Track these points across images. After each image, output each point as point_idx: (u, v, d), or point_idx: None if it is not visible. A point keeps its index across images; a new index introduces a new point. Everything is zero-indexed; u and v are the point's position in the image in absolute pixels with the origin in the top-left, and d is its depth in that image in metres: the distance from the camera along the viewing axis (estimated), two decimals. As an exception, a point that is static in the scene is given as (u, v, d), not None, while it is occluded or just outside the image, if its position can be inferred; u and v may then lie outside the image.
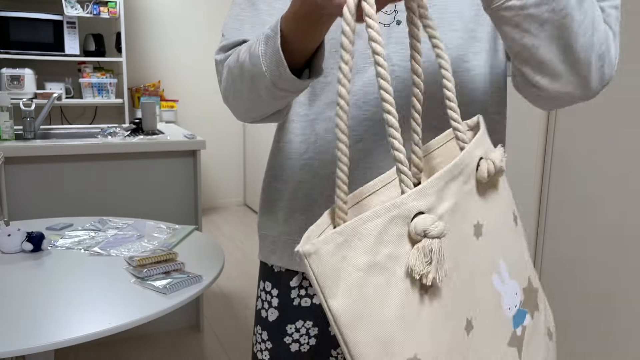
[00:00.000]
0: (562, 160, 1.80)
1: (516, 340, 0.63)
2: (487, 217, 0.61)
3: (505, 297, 0.61)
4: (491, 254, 0.61)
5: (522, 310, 0.64)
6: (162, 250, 1.37)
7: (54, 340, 0.97)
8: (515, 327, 0.62)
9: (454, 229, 0.55)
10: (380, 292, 0.49)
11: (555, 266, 1.84)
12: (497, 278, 0.61)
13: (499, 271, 0.61)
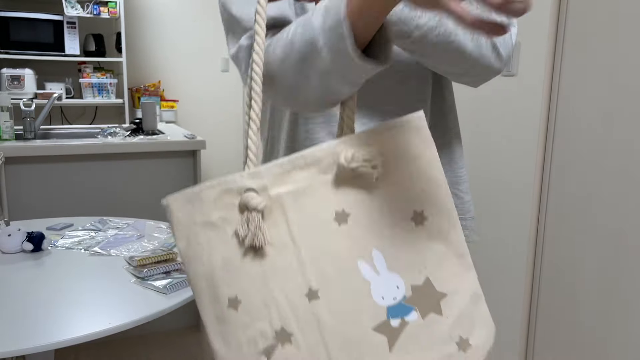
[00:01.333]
0: (562, 159, 1.80)
1: (388, 330, 0.67)
2: (358, 208, 0.68)
3: (375, 286, 0.68)
4: (359, 242, 0.67)
5: (406, 306, 0.68)
6: (162, 250, 1.38)
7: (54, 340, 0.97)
8: (391, 317, 0.67)
9: (304, 212, 0.66)
10: (210, 243, 0.65)
11: (556, 266, 1.84)
12: (365, 266, 0.68)
13: (369, 260, 0.68)
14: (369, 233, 0.68)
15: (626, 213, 1.59)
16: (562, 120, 1.79)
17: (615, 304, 1.64)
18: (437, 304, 0.69)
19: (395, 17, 0.71)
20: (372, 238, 0.68)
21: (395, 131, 0.68)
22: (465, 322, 0.70)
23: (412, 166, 0.68)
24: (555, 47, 1.80)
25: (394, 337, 0.68)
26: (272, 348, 0.66)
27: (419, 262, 0.69)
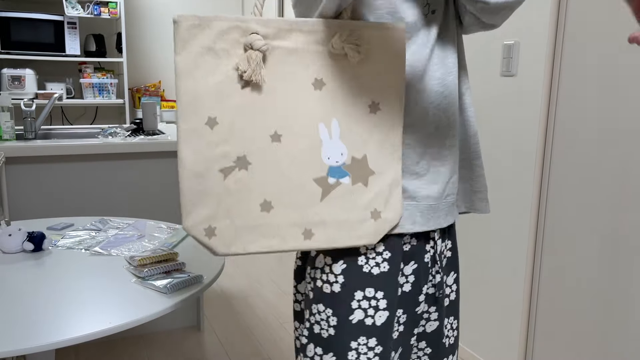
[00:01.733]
0: (562, 159, 1.80)
1: (324, 184, 0.84)
2: (333, 81, 0.83)
3: (326, 147, 0.84)
4: (325, 109, 0.83)
5: (344, 171, 0.84)
6: (163, 250, 1.38)
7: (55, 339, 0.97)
8: (330, 175, 0.84)
9: (291, 68, 0.81)
10: (207, 66, 0.76)
11: (556, 265, 1.84)
12: (324, 129, 0.83)
13: (328, 125, 0.84)
14: (335, 105, 0.83)
15: (626, 213, 1.59)
16: (561, 120, 1.79)
17: (616, 304, 1.64)
18: (366, 178, 0.85)
19: None
20: (335, 109, 0.84)
21: (384, 33, 0.83)
22: (382, 199, 0.85)
23: (383, 65, 0.84)
24: (555, 47, 1.80)
25: (327, 191, 0.84)
26: (230, 170, 0.79)
27: (363, 140, 0.85)
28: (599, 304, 1.69)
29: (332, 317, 0.88)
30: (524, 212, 1.93)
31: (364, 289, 0.87)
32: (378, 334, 0.88)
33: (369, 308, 0.87)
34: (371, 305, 0.87)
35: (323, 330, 0.89)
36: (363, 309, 0.87)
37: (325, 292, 0.88)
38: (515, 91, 1.93)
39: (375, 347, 0.88)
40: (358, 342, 0.87)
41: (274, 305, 2.83)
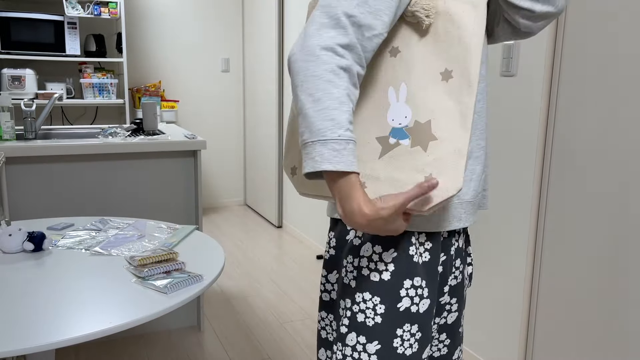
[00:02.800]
0: (562, 159, 1.80)
1: (385, 143, 0.87)
2: (407, 48, 0.86)
3: (392, 109, 0.87)
4: (396, 74, 0.87)
5: (405, 132, 0.86)
6: (163, 250, 1.38)
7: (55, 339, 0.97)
8: (391, 135, 0.87)
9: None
10: None
11: (556, 265, 1.84)
12: (393, 92, 0.87)
13: (397, 89, 0.87)
14: (405, 69, 0.86)
15: (626, 213, 1.59)
16: (561, 120, 1.79)
17: (616, 304, 1.64)
18: (426, 143, 0.85)
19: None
20: (406, 74, 0.86)
21: (466, 4, 0.84)
22: (440, 165, 0.84)
23: (458, 31, 0.84)
24: (555, 47, 1.80)
25: (386, 149, 0.86)
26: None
27: (430, 106, 0.85)
28: (599, 304, 1.69)
29: (380, 305, 0.89)
30: (524, 211, 1.93)
31: (412, 277, 0.89)
32: (421, 321, 0.90)
33: (415, 296, 0.89)
34: (417, 293, 0.90)
35: (368, 319, 0.90)
36: (410, 297, 0.89)
37: (372, 281, 0.89)
38: (515, 91, 1.93)
39: (416, 334, 0.90)
40: (403, 329, 0.89)
41: (274, 305, 2.83)
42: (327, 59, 0.78)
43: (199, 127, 4.66)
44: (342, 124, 0.77)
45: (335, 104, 0.77)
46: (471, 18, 0.83)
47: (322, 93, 0.77)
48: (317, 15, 0.80)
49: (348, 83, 0.79)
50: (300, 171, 0.96)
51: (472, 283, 2.19)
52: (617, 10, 1.59)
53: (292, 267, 3.41)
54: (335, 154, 0.77)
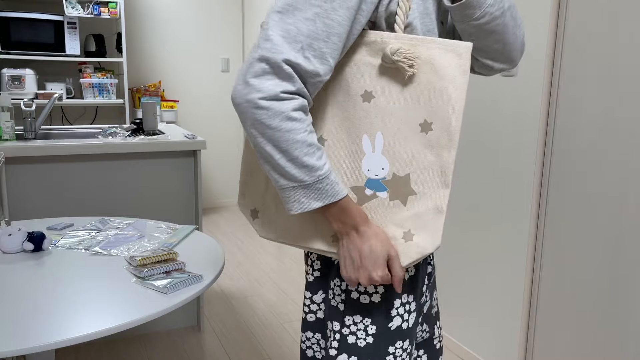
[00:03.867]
0: (562, 159, 1.80)
1: (360, 194, 0.84)
2: (383, 95, 0.82)
3: (367, 159, 0.83)
4: (371, 121, 0.82)
5: (382, 185, 0.84)
6: (163, 250, 1.38)
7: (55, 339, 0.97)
8: (367, 187, 0.84)
9: (347, 78, 0.82)
10: None
11: (556, 265, 1.84)
12: (368, 141, 0.83)
13: (373, 138, 0.83)
14: (382, 118, 0.82)
15: (626, 212, 1.59)
16: (562, 120, 1.79)
17: (616, 304, 1.64)
18: (405, 197, 0.83)
19: (474, 2, 0.83)
20: (381, 123, 0.82)
21: (442, 48, 0.81)
22: (420, 222, 0.83)
23: (440, 82, 0.81)
24: (555, 47, 1.80)
25: (363, 201, 0.84)
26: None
27: (409, 159, 0.83)
28: (599, 304, 1.69)
29: (371, 327, 0.89)
30: (524, 212, 1.93)
31: (401, 296, 0.90)
32: (410, 335, 0.92)
33: (404, 313, 0.90)
34: (406, 310, 0.91)
35: (360, 340, 0.89)
36: (400, 314, 0.90)
37: (363, 303, 0.89)
38: (515, 91, 1.93)
39: (407, 348, 0.92)
40: (395, 346, 0.90)
41: (274, 305, 2.83)
42: (278, 107, 0.75)
43: (199, 127, 4.66)
44: (315, 166, 0.78)
45: (303, 149, 0.77)
46: (455, 69, 0.81)
47: (286, 144, 0.76)
48: (255, 58, 0.76)
49: (306, 120, 0.78)
50: (264, 214, 0.92)
51: (472, 283, 2.19)
52: (617, 10, 1.59)
53: (292, 267, 3.41)
54: (319, 192, 0.78)
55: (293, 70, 0.76)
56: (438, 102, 0.81)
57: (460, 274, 2.26)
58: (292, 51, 0.75)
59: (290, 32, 0.75)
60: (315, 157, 0.78)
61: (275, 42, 0.75)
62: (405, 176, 0.83)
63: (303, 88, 0.78)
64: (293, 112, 0.76)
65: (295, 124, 0.77)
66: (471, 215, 2.16)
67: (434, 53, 0.81)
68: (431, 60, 0.81)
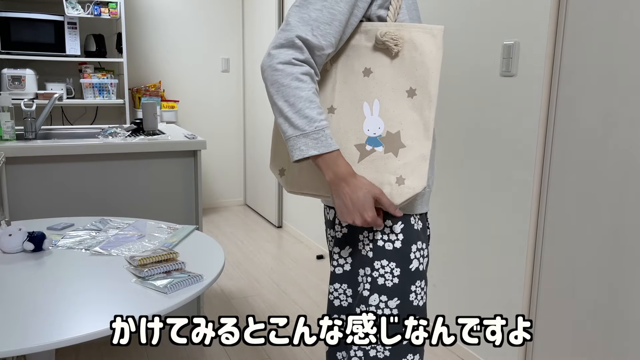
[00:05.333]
0: (562, 159, 1.80)
1: (362, 149, 1.06)
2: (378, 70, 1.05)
3: (367, 121, 1.06)
4: (369, 91, 1.06)
5: (379, 141, 1.06)
6: (163, 250, 1.38)
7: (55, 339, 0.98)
8: (367, 143, 1.06)
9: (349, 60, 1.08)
10: None
11: (556, 265, 1.84)
12: (367, 107, 1.06)
13: (371, 104, 1.06)
14: (378, 88, 1.05)
15: (626, 212, 1.59)
16: (562, 120, 1.79)
17: (616, 304, 1.64)
18: (397, 149, 1.05)
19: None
20: (378, 91, 1.05)
21: (421, 31, 1.03)
22: (409, 169, 1.04)
23: (420, 57, 1.03)
24: (555, 47, 1.80)
25: (364, 155, 1.06)
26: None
27: (399, 119, 1.05)
28: (599, 304, 1.69)
29: (396, 269, 1.09)
30: (524, 211, 1.93)
31: (416, 242, 1.10)
32: (425, 276, 1.13)
33: (420, 257, 1.11)
34: (421, 254, 1.11)
35: (387, 281, 1.09)
36: (417, 258, 1.10)
37: (387, 250, 1.09)
38: (515, 91, 1.93)
39: (425, 287, 1.12)
40: (416, 285, 1.10)
41: (274, 305, 2.83)
42: (290, 70, 0.99)
43: (199, 127, 4.66)
44: (315, 118, 0.99)
45: (306, 104, 0.99)
46: (432, 45, 1.02)
47: (294, 98, 0.98)
48: (278, 37, 1.01)
49: (311, 84, 1.00)
50: (289, 172, 1.15)
51: (472, 283, 2.20)
52: (617, 10, 1.59)
53: (292, 267, 3.41)
54: (315, 142, 0.99)
55: (303, 44, 0.99)
56: (419, 72, 1.03)
57: (460, 274, 2.26)
58: (304, 30, 0.99)
59: (303, 18, 1.00)
60: (315, 111, 0.99)
61: (292, 24, 1.00)
62: (397, 133, 1.04)
63: (310, 59, 1.00)
64: (301, 75, 0.99)
65: (302, 84, 0.99)
66: (471, 215, 2.16)
67: (414, 34, 1.03)
68: (412, 40, 1.03)
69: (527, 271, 1.93)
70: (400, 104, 1.04)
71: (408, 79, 1.03)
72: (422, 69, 1.02)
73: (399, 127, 1.04)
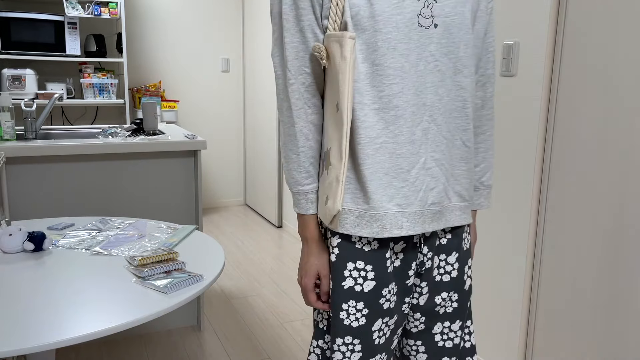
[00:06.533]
0: (562, 159, 1.80)
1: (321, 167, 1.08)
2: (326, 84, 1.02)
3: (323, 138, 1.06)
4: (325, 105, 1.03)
5: (325, 157, 1.04)
6: (163, 250, 1.38)
7: (55, 339, 0.98)
8: (322, 159, 1.07)
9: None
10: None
11: (556, 265, 1.84)
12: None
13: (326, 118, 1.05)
14: (326, 102, 1.02)
15: (626, 212, 1.59)
16: (561, 120, 1.79)
17: (616, 304, 1.64)
18: (328, 167, 1.01)
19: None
20: (326, 105, 1.02)
21: (334, 39, 0.95)
22: (331, 189, 1.01)
23: (334, 70, 0.96)
24: (555, 47, 1.80)
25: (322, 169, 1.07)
26: None
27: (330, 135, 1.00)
28: (599, 304, 1.69)
29: (332, 282, 1.05)
30: (524, 211, 1.93)
31: (355, 261, 1.03)
32: (367, 300, 1.03)
33: (358, 277, 1.03)
34: (360, 275, 1.03)
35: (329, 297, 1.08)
36: (353, 277, 1.03)
37: (331, 260, 1.06)
38: (515, 91, 1.93)
39: (363, 310, 1.04)
40: (348, 304, 1.04)
41: (274, 305, 2.83)
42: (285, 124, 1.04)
43: (199, 127, 4.66)
44: (299, 182, 1.03)
45: (294, 166, 1.03)
46: (339, 56, 0.94)
47: (286, 154, 1.04)
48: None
49: (303, 142, 1.02)
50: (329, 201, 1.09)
51: (472, 283, 2.19)
52: (617, 10, 1.59)
53: (292, 267, 3.42)
54: (297, 202, 1.05)
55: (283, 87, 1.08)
56: (336, 86, 0.96)
57: (460, 274, 2.25)
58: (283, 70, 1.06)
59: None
60: (301, 174, 1.03)
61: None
62: (328, 150, 1.00)
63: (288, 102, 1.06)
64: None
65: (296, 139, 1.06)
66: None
67: (330, 45, 0.96)
68: (330, 51, 0.96)
69: (527, 270, 1.94)
70: (331, 120, 1.00)
71: (334, 92, 0.97)
72: (337, 82, 0.96)
73: (330, 144, 1.00)
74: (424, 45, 0.95)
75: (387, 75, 0.95)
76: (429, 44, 0.96)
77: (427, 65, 0.96)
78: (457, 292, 1.12)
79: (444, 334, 1.14)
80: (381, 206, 0.98)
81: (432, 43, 0.96)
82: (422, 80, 0.96)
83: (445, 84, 0.98)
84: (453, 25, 0.97)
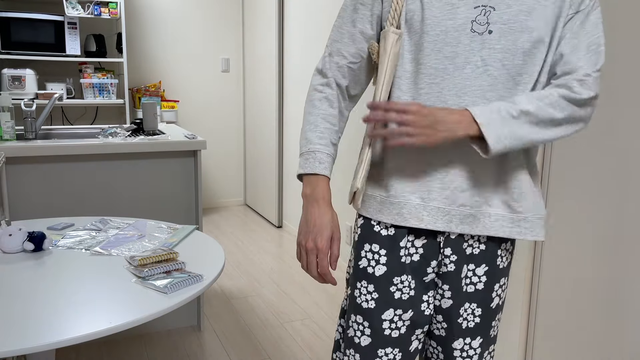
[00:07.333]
0: (562, 159, 1.80)
1: None
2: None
3: None
4: None
5: None
6: (163, 250, 1.38)
7: (55, 339, 0.98)
8: None
9: None
10: None
11: (555, 265, 1.85)
12: None
13: None
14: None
15: (626, 212, 1.59)
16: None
17: (616, 304, 1.64)
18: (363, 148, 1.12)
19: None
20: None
21: (382, 35, 1.04)
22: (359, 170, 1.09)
23: (379, 62, 1.06)
24: (555, 47, 1.80)
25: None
26: None
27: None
28: (599, 304, 1.69)
29: (352, 260, 1.12)
30: (523, 212, 1.93)
31: (371, 244, 1.08)
32: (378, 283, 1.07)
33: (372, 260, 1.08)
34: (374, 257, 1.07)
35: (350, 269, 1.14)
36: (368, 258, 1.08)
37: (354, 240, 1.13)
38: (515, 91, 1.92)
39: (373, 293, 1.07)
40: (361, 284, 1.09)
41: (274, 305, 2.83)
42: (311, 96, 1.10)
43: (199, 127, 4.66)
44: (311, 140, 1.06)
45: (310, 127, 1.07)
46: (381, 48, 1.04)
47: (305, 122, 1.09)
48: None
49: (325, 109, 1.07)
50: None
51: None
52: (617, 10, 1.59)
53: (292, 266, 3.42)
54: (305, 162, 1.05)
55: (322, 68, 1.12)
56: (377, 77, 1.06)
57: (460, 274, 2.25)
58: (324, 54, 1.13)
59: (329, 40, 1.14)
60: (315, 134, 1.06)
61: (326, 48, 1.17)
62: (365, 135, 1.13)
63: (333, 81, 1.10)
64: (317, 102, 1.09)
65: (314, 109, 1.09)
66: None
67: (380, 41, 1.05)
68: (379, 47, 1.05)
69: (527, 271, 1.94)
70: None
71: (386, 83, 1.06)
72: (377, 73, 1.05)
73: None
74: (474, 50, 0.96)
75: (428, 74, 0.98)
76: (480, 49, 0.96)
77: (475, 69, 0.97)
78: (481, 307, 1.10)
79: (464, 351, 1.12)
80: (402, 195, 1.03)
81: (485, 48, 0.96)
82: (466, 83, 0.97)
83: (496, 88, 0.98)
84: (511, 32, 0.95)
